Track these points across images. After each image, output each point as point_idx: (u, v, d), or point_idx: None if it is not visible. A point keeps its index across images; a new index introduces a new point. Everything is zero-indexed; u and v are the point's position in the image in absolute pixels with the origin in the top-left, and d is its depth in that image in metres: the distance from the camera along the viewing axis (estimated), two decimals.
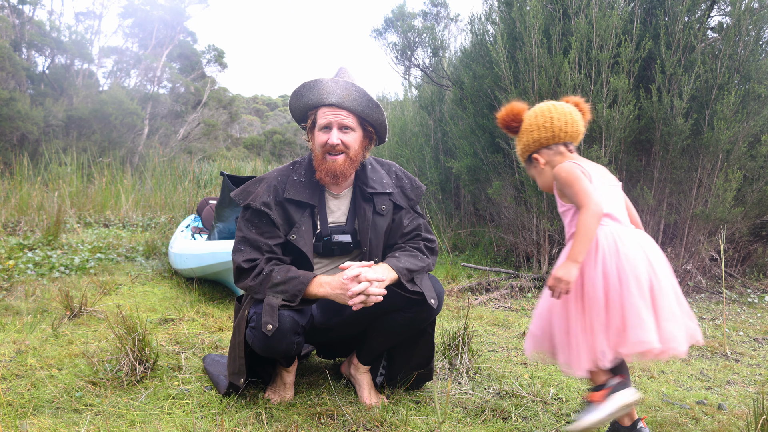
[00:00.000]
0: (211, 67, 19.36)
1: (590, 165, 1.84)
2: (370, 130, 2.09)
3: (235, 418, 1.98)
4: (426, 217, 2.39)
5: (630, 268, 1.62)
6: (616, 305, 1.61)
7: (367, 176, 2.14)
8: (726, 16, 4.16)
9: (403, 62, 7.24)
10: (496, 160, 4.93)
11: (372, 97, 2.01)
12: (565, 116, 1.87)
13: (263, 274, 1.95)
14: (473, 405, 2.19)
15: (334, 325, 2.15)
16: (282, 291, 1.91)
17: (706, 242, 4.16)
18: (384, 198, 2.14)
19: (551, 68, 4.09)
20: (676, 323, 1.62)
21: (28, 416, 1.92)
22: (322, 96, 2.01)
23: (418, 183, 2.25)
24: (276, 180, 2.08)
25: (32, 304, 3.26)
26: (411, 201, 2.21)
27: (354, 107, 2.00)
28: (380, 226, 2.13)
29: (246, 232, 2.03)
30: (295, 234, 2.02)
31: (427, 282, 2.05)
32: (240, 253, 2.01)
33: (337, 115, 2.00)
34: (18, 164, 7.82)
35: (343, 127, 2.01)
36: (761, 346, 3.17)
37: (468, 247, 5.81)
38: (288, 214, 2.04)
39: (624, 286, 1.61)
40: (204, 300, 3.62)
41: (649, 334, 1.57)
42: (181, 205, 7.33)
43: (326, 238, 2.10)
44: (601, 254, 1.66)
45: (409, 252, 2.10)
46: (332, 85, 1.99)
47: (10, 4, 12.92)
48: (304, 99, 2.05)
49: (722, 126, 3.71)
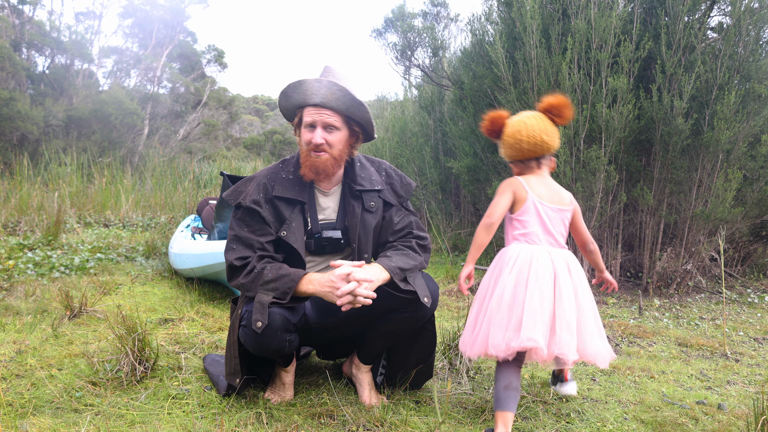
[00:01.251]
0: (211, 67, 19.37)
1: (539, 186, 2.11)
2: (356, 129, 2.10)
3: (235, 418, 1.98)
4: (417, 214, 2.40)
5: (536, 281, 1.94)
6: (519, 308, 1.92)
7: (355, 173, 2.15)
8: (726, 16, 4.16)
9: (403, 62, 7.24)
10: (496, 160, 4.93)
11: (356, 95, 2.01)
12: (533, 138, 2.08)
13: (255, 271, 1.96)
14: (473, 405, 2.19)
15: (330, 325, 2.15)
16: (273, 288, 1.92)
17: (706, 242, 4.16)
18: (373, 195, 2.15)
19: (550, 68, 4.09)
20: (571, 334, 1.91)
21: (28, 416, 1.92)
22: (306, 96, 2.02)
23: (407, 180, 2.26)
24: (265, 178, 2.09)
25: (32, 304, 3.26)
26: (401, 198, 2.21)
27: (338, 107, 2.02)
28: (369, 223, 2.13)
29: (238, 230, 2.04)
30: (286, 230, 2.03)
31: (420, 281, 2.04)
32: (232, 251, 2.01)
33: (321, 115, 2.02)
34: (18, 164, 7.82)
35: (327, 126, 2.03)
36: (761, 346, 3.17)
37: (468, 247, 5.82)
38: (278, 211, 2.05)
39: (528, 294, 1.92)
40: (204, 300, 3.62)
41: (539, 336, 1.86)
42: (181, 205, 7.33)
43: (317, 235, 2.11)
44: (518, 266, 1.98)
45: (401, 251, 2.10)
46: (316, 86, 2.00)
47: (10, 4, 12.92)
48: (290, 99, 2.07)
49: (722, 126, 3.71)
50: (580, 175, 4.01)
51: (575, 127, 3.99)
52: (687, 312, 3.83)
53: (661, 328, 3.42)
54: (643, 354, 2.94)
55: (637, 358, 2.88)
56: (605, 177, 4.00)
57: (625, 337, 3.22)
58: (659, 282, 4.27)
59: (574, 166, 4.04)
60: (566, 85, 3.95)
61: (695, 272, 4.28)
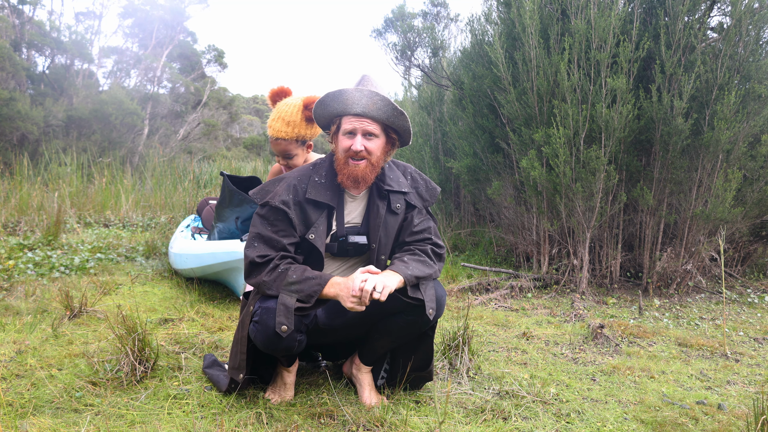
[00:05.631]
0: (211, 67, 19.38)
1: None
2: (394, 137, 2.12)
3: (235, 418, 1.98)
4: (437, 221, 2.41)
5: None
6: None
7: (384, 175, 2.16)
8: (726, 16, 4.16)
9: (403, 62, 7.24)
10: (495, 160, 4.93)
11: (396, 104, 2.03)
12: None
13: (279, 270, 1.96)
14: (473, 405, 2.19)
15: (337, 326, 2.15)
16: (297, 290, 1.91)
17: (706, 242, 4.16)
18: (399, 197, 2.16)
19: (549, 68, 4.09)
20: None
21: (28, 416, 1.92)
22: (347, 106, 2.03)
23: (433, 184, 2.27)
24: (296, 180, 2.09)
25: (32, 304, 3.26)
26: (426, 202, 2.23)
27: (379, 116, 2.03)
28: (392, 225, 2.14)
29: (261, 228, 2.04)
30: (314, 233, 2.04)
31: (430, 291, 2.04)
32: (253, 248, 2.01)
33: (362, 123, 2.03)
34: (18, 164, 7.82)
35: (367, 133, 2.04)
36: (761, 346, 3.17)
37: (468, 247, 5.82)
38: (306, 214, 2.05)
39: None
40: (204, 300, 3.62)
41: None
42: (181, 205, 7.33)
43: (341, 239, 2.11)
44: None
45: (418, 257, 2.10)
46: (357, 95, 2.01)
47: (10, 4, 12.92)
48: (329, 108, 2.08)
49: (722, 126, 3.71)
50: (580, 175, 4.01)
51: (575, 127, 3.99)
52: (687, 312, 3.83)
53: (661, 328, 3.42)
54: (643, 354, 2.94)
55: (637, 358, 2.88)
56: (605, 177, 4.00)
57: (625, 337, 3.22)
58: (659, 282, 4.28)
59: (573, 166, 4.04)
60: (565, 85, 3.95)
61: (695, 272, 4.28)
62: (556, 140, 3.94)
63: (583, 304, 3.92)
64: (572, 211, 4.18)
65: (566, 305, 3.89)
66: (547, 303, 3.97)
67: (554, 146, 3.97)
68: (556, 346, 3.03)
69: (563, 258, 4.52)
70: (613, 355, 2.92)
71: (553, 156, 4.02)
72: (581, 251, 4.24)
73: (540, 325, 3.44)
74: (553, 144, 3.97)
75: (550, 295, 4.15)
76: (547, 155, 4.07)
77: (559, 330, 3.33)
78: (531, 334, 3.20)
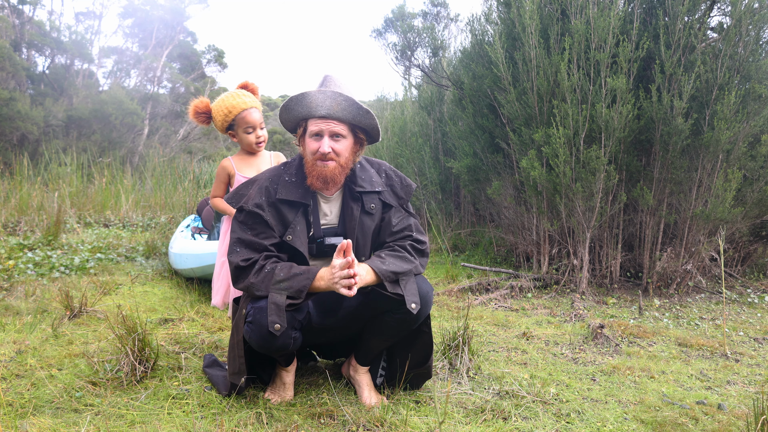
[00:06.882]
0: (211, 67, 19.37)
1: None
2: (362, 136, 2.10)
3: (235, 418, 1.98)
4: (418, 216, 2.39)
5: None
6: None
7: (356, 176, 2.14)
8: (726, 16, 4.16)
9: (403, 62, 7.24)
10: (495, 160, 4.93)
11: (360, 103, 2.01)
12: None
13: (266, 270, 1.95)
14: (473, 405, 2.19)
15: (329, 325, 2.15)
16: (286, 287, 1.90)
17: (706, 242, 4.16)
18: (373, 197, 2.14)
19: (549, 68, 4.09)
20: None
21: (28, 416, 1.92)
22: (311, 109, 2.01)
23: (408, 181, 2.24)
24: (268, 181, 2.08)
25: (32, 304, 3.26)
26: (401, 199, 2.20)
27: (345, 116, 2.01)
28: (367, 226, 2.13)
29: (240, 233, 2.03)
30: (291, 234, 2.03)
31: (412, 285, 2.01)
32: (236, 254, 2.00)
33: (328, 124, 2.01)
34: (18, 164, 7.82)
35: (334, 135, 2.02)
36: (761, 346, 3.17)
37: (468, 247, 5.82)
38: (281, 214, 2.04)
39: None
40: (204, 300, 3.62)
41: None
42: (181, 205, 7.33)
43: (319, 240, 2.10)
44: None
45: (396, 253, 2.08)
46: (320, 97, 1.99)
47: (10, 4, 12.92)
48: (293, 112, 2.06)
49: (722, 126, 3.71)
50: (580, 175, 4.01)
51: (575, 127, 3.99)
52: (687, 312, 3.83)
53: (661, 328, 3.42)
54: (643, 354, 2.94)
55: (637, 358, 2.88)
56: (605, 177, 4.00)
57: (625, 337, 3.22)
58: (659, 282, 4.28)
59: (573, 166, 4.04)
60: (565, 85, 3.95)
61: (695, 272, 4.28)
62: (556, 140, 3.94)
63: (583, 304, 3.92)
64: (572, 211, 4.18)
65: (566, 305, 3.89)
66: (547, 303, 3.97)
67: (554, 146, 3.97)
68: (556, 346, 3.03)
69: (563, 258, 4.52)
70: (613, 355, 2.92)
71: (553, 156, 4.02)
72: (581, 251, 4.24)
73: (540, 325, 3.44)
74: (553, 144, 3.97)
75: (550, 295, 4.15)
76: (547, 155, 4.07)
77: (559, 330, 3.33)
78: (531, 334, 3.20)
